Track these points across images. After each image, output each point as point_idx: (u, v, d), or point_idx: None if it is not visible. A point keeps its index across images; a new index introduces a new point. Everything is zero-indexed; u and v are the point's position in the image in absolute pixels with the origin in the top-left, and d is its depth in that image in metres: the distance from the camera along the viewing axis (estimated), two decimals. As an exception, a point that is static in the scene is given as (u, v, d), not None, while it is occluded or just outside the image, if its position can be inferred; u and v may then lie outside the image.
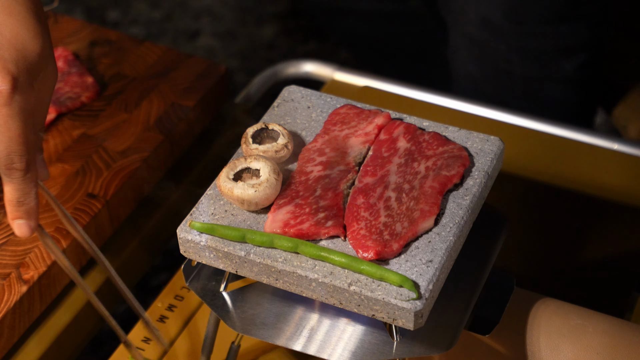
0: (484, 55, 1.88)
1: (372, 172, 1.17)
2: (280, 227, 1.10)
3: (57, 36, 1.70)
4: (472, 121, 1.66)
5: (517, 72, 1.87)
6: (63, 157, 1.49)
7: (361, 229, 1.10)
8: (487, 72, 1.91)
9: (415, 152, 1.18)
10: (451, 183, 1.14)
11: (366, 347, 1.11)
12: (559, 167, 1.60)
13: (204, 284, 1.18)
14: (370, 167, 1.17)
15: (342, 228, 1.11)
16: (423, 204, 1.11)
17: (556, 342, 1.19)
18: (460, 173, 1.15)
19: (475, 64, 1.91)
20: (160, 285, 1.94)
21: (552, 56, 1.85)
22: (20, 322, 1.33)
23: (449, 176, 1.14)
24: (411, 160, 1.17)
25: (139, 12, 2.75)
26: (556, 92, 1.90)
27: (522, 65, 1.86)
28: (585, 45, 1.84)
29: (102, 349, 1.80)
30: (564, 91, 1.89)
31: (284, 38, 2.68)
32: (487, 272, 1.19)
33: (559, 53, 1.84)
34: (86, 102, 1.58)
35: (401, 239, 1.08)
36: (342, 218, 1.12)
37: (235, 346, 1.29)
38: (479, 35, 1.86)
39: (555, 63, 1.85)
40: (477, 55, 1.89)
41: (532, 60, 1.86)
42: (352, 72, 1.80)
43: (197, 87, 1.62)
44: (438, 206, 1.11)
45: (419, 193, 1.13)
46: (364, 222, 1.11)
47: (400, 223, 1.10)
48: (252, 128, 1.20)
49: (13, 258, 1.35)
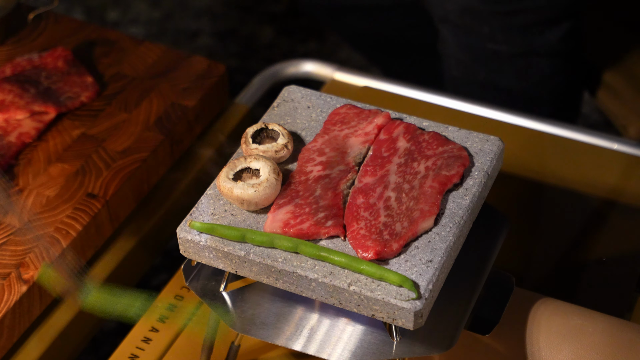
0: (470, 40, 1.91)
1: (372, 172, 1.17)
2: (280, 227, 1.10)
3: (56, 36, 1.70)
4: (472, 121, 1.66)
5: (504, 50, 1.90)
6: (63, 157, 1.49)
7: (361, 229, 1.10)
8: (476, 56, 1.93)
9: (415, 152, 1.18)
10: (451, 183, 1.14)
11: (366, 346, 1.11)
12: (558, 167, 1.60)
13: (204, 284, 1.18)
14: (370, 167, 1.17)
15: (342, 228, 1.11)
16: (423, 204, 1.11)
17: (556, 342, 1.19)
18: (460, 173, 1.15)
19: (463, 51, 1.93)
20: (160, 285, 1.94)
21: (536, 30, 1.88)
22: (20, 322, 1.33)
23: (448, 176, 1.14)
24: (411, 160, 1.17)
25: (139, 12, 2.75)
26: (544, 67, 1.92)
27: (508, 43, 1.89)
28: (566, 12, 1.87)
29: (101, 349, 1.80)
30: (552, 65, 1.92)
31: (284, 38, 2.67)
32: (487, 272, 1.19)
33: (542, 25, 1.87)
34: (86, 102, 1.58)
35: (401, 238, 1.08)
36: (342, 218, 1.12)
37: (235, 346, 1.28)
38: (461, 22, 1.88)
39: (540, 36, 1.88)
40: (464, 41, 1.92)
41: (517, 36, 1.89)
42: (352, 72, 1.80)
43: (197, 87, 1.62)
44: (438, 206, 1.11)
45: (418, 193, 1.13)
46: (363, 222, 1.10)
47: (400, 223, 1.10)
48: (251, 128, 1.20)
49: (13, 258, 1.35)
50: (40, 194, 1.43)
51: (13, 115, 1.52)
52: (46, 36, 1.70)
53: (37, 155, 1.49)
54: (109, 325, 1.89)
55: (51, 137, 1.52)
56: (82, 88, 1.59)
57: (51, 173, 1.46)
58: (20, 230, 1.38)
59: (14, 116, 1.52)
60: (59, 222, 1.40)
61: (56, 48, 1.65)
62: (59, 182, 1.45)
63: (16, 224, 1.39)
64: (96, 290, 1.22)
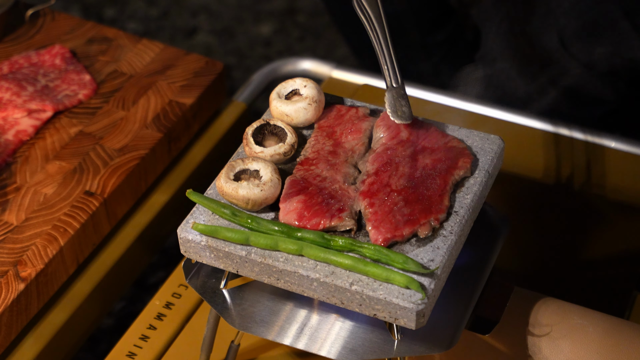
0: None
1: (374, 169, 1.16)
2: (295, 218, 1.10)
3: (54, 34, 1.69)
4: (471, 120, 1.65)
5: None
6: (60, 155, 1.49)
7: (376, 213, 1.09)
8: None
9: (418, 147, 1.17)
10: (458, 176, 1.14)
11: (367, 345, 1.11)
12: (559, 166, 1.60)
13: (204, 282, 1.18)
14: (372, 164, 1.17)
15: (355, 220, 1.10)
16: (432, 195, 1.11)
17: (556, 342, 1.19)
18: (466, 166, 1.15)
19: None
20: (157, 283, 1.94)
21: None
22: (17, 319, 1.33)
23: (455, 169, 1.14)
24: (414, 154, 1.16)
25: (136, 9, 2.74)
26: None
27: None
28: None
29: (99, 347, 1.80)
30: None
31: (281, 36, 2.67)
32: (487, 272, 1.19)
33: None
34: (83, 99, 1.57)
35: (412, 223, 1.08)
36: (351, 212, 1.11)
37: (235, 345, 1.28)
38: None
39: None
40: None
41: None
42: (349, 70, 1.80)
43: (195, 84, 1.61)
44: (448, 199, 1.11)
45: (426, 187, 1.12)
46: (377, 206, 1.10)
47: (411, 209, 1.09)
48: (251, 127, 1.19)
49: (10, 256, 1.35)
50: (38, 192, 1.43)
51: (10, 113, 1.52)
52: (43, 34, 1.70)
53: (35, 153, 1.49)
54: (106, 323, 1.89)
55: (49, 135, 1.52)
56: (80, 86, 1.59)
57: (49, 171, 1.46)
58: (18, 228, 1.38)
59: (11, 114, 1.52)
60: (57, 219, 1.39)
61: (54, 46, 1.65)
62: (56, 180, 1.45)
63: (14, 221, 1.39)
64: None
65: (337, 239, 1.07)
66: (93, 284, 1.43)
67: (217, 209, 1.11)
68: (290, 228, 1.09)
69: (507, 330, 1.20)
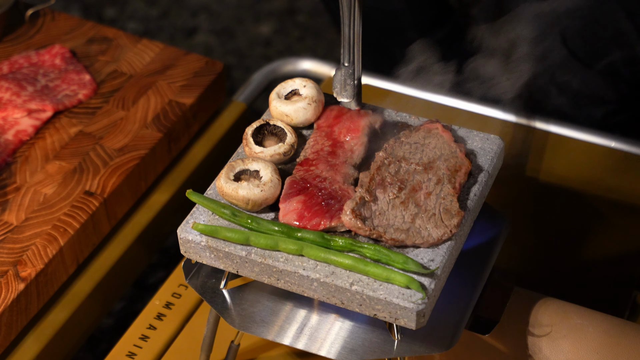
0: None
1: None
2: (294, 218, 1.10)
3: (54, 34, 1.69)
4: (471, 119, 1.65)
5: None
6: (60, 155, 1.49)
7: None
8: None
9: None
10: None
11: (367, 345, 1.11)
12: (559, 166, 1.60)
13: (204, 282, 1.18)
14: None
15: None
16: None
17: (556, 342, 1.19)
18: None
19: None
20: (157, 283, 1.94)
21: None
22: (17, 319, 1.33)
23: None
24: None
25: (136, 9, 2.74)
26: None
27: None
28: None
29: (99, 347, 1.79)
30: None
31: (282, 35, 2.67)
32: (487, 272, 1.19)
33: None
34: (83, 99, 1.57)
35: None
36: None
37: (235, 345, 1.28)
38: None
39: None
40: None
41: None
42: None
43: (195, 84, 1.61)
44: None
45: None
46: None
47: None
48: (250, 127, 1.19)
49: (10, 255, 1.35)
50: (38, 192, 1.43)
51: (10, 113, 1.52)
52: (43, 34, 1.70)
53: (35, 153, 1.49)
54: (106, 323, 1.89)
55: (49, 135, 1.52)
56: (80, 86, 1.58)
57: (49, 171, 1.46)
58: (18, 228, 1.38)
59: (11, 114, 1.52)
60: (57, 219, 1.39)
61: (53, 45, 1.65)
62: (56, 180, 1.45)
63: (13, 221, 1.39)
64: None
65: (337, 239, 1.07)
66: (93, 284, 1.43)
67: (217, 209, 1.11)
68: (290, 228, 1.09)
69: (507, 330, 1.20)
